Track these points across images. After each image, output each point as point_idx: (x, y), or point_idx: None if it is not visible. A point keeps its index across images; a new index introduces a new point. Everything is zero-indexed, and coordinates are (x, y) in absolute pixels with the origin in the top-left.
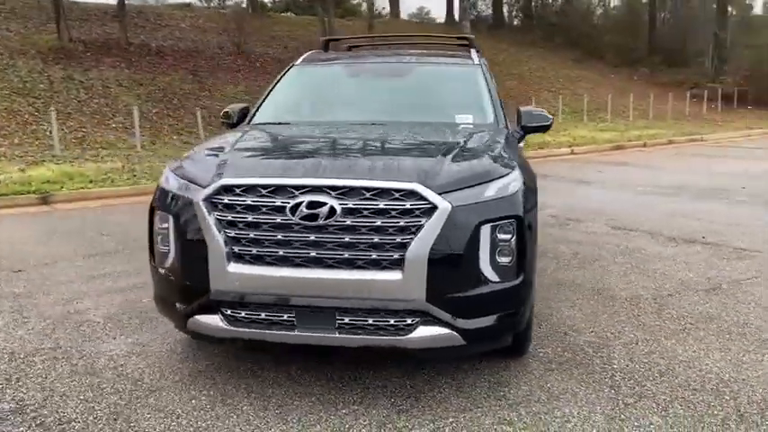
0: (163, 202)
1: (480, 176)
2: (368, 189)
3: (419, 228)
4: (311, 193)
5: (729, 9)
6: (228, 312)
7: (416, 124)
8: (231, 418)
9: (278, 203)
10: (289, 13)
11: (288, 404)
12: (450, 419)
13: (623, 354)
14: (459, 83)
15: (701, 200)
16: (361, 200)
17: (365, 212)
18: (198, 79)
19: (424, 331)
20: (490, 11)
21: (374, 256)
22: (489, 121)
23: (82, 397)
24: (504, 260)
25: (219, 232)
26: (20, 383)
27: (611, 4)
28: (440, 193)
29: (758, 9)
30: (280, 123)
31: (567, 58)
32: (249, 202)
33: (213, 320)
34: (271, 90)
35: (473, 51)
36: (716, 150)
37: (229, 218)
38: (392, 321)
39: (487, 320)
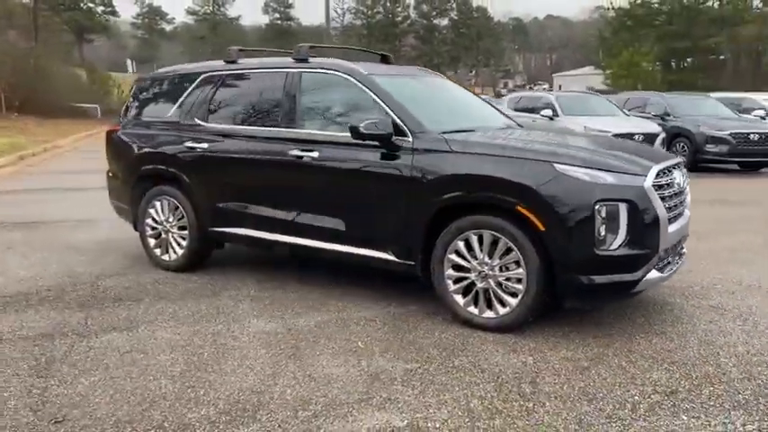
0: (611, 195)
1: None
2: (679, 164)
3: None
4: (668, 171)
5: None
6: (655, 263)
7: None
8: None
9: (670, 180)
10: None
11: None
12: None
13: None
14: (469, 92)
15: None
16: (679, 171)
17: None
18: None
19: None
20: None
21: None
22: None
23: None
24: None
25: (663, 206)
26: None
27: None
28: None
29: None
30: (469, 131)
31: None
32: (667, 181)
33: (654, 274)
34: (387, 102)
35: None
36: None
37: (666, 194)
38: None
39: None
